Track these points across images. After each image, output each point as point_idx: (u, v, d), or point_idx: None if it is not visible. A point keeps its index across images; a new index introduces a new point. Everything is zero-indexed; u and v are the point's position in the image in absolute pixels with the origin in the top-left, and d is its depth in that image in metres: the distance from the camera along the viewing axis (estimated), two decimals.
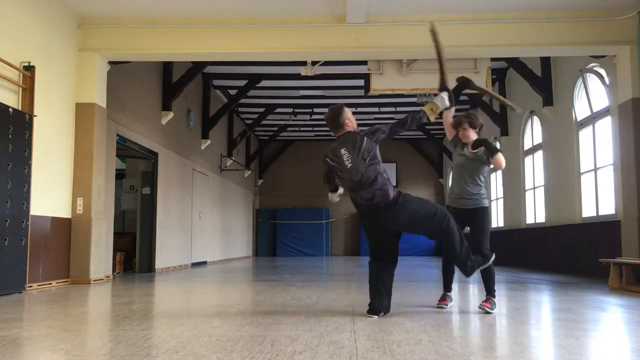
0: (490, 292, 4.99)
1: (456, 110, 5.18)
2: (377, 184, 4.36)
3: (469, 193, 4.95)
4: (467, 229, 5.06)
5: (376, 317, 4.42)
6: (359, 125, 4.73)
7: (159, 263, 11.56)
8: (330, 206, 23.30)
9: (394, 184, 23.01)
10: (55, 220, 7.81)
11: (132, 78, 10.57)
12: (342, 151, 4.44)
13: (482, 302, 4.94)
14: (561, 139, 11.01)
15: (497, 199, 15.81)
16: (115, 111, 9.67)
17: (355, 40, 8.65)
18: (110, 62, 9.02)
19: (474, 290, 7.26)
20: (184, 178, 13.52)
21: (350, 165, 4.40)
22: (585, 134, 10.26)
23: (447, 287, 5.23)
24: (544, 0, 8.16)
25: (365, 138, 4.42)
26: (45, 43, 7.65)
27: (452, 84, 4.83)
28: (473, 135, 5.06)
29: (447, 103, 4.52)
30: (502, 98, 5.67)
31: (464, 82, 5.02)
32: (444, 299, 5.18)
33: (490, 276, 5.00)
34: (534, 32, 8.48)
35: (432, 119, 4.46)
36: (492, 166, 4.98)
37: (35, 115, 7.11)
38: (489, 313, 4.78)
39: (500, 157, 4.85)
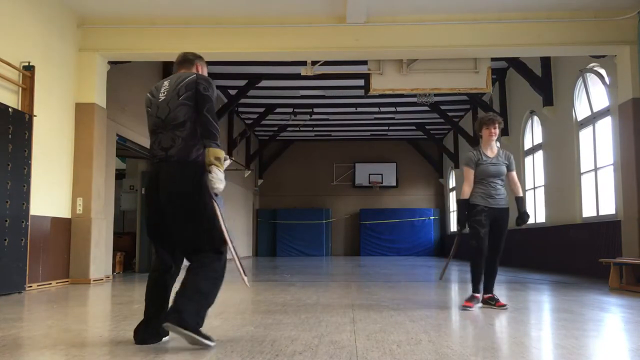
0: (490, 290, 5.15)
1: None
2: (184, 131, 3.35)
3: (501, 193, 5.14)
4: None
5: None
6: (358, 124, 4.67)
7: None
8: (330, 206, 23.33)
9: (394, 184, 23.21)
10: (55, 220, 7.81)
11: (132, 78, 10.56)
12: (165, 83, 3.54)
13: (486, 301, 5.15)
14: (561, 139, 11.01)
15: None
16: (115, 111, 9.67)
17: (355, 40, 8.65)
18: (110, 62, 9.02)
19: None
20: None
21: (163, 98, 3.48)
22: (585, 134, 10.25)
23: (476, 288, 5.07)
24: (544, 0, 8.16)
25: (196, 77, 3.45)
26: (45, 43, 7.65)
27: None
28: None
29: (223, 184, 3.28)
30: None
31: None
32: (471, 300, 5.03)
33: (494, 274, 5.15)
34: (534, 32, 8.48)
35: (209, 157, 3.29)
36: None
37: (35, 115, 7.11)
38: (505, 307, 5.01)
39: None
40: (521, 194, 5.30)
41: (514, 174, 5.30)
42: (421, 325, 4.09)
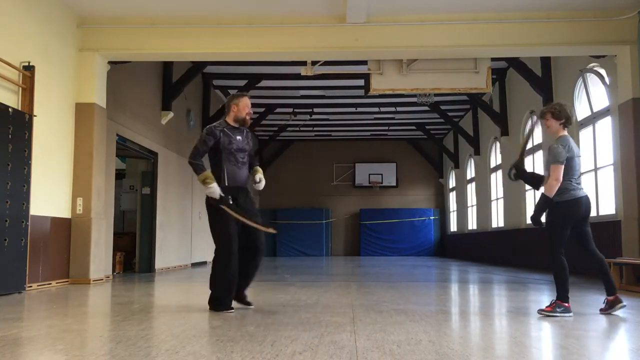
0: (557, 294, 4.70)
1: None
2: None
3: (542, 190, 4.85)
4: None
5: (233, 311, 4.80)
6: (358, 124, 4.75)
7: (159, 263, 11.56)
8: (330, 206, 23.32)
9: (394, 184, 23.20)
10: (55, 220, 7.81)
11: (132, 78, 10.56)
12: None
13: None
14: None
15: (497, 199, 15.81)
16: (115, 111, 9.67)
17: (355, 40, 8.65)
18: (110, 62, 9.02)
19: (474, 291, 7.26)
20: (184, 178, 13.51)
21: None
22: (585, 134, 10.25)
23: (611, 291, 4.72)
24: (544, 0, 8.16)
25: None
26: (45, 43, 7.65)
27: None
28: (555, 126, 4.89)
29: (215, 194, 4.85)
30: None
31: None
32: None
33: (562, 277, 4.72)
34: (534, 32, 8.48)
35: (199, 179, 4.91)
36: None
37: (35, 115, 7.11)
38: (548, 316, 4.55)
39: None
40: (543, 190, 4.86)
41: (551, 166, 4.84)
42: (421, 325, 4.09)
